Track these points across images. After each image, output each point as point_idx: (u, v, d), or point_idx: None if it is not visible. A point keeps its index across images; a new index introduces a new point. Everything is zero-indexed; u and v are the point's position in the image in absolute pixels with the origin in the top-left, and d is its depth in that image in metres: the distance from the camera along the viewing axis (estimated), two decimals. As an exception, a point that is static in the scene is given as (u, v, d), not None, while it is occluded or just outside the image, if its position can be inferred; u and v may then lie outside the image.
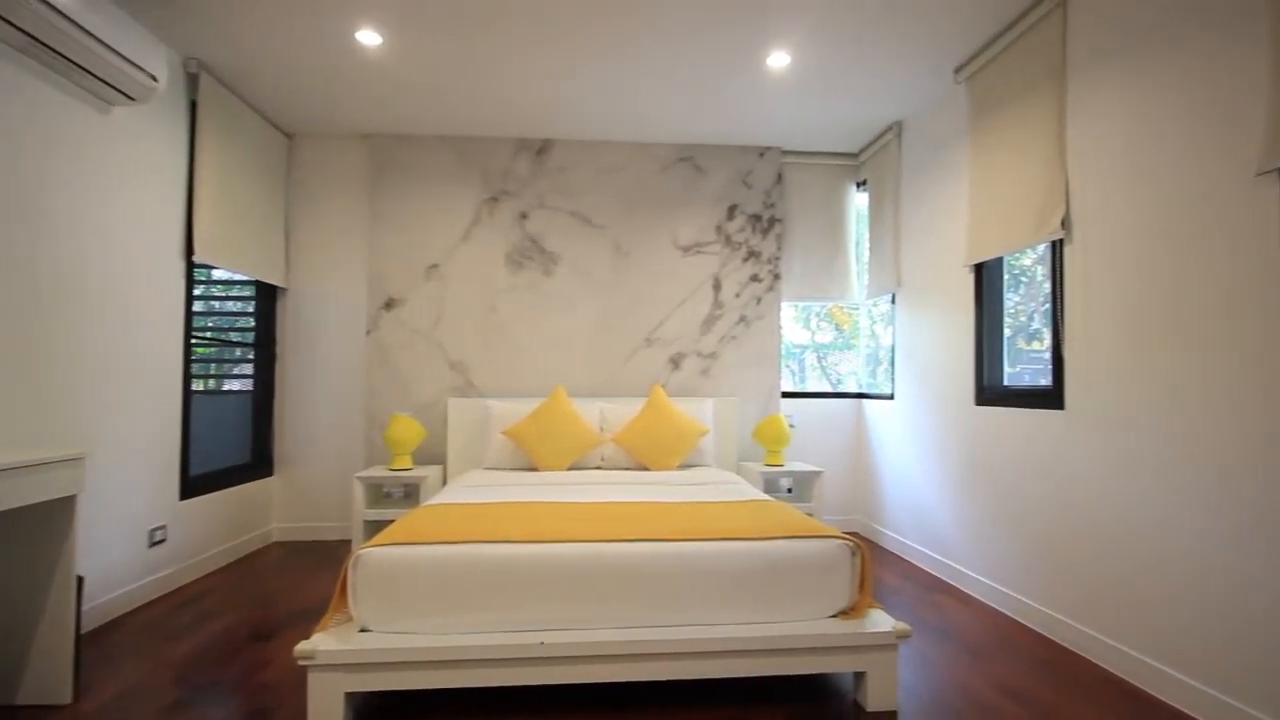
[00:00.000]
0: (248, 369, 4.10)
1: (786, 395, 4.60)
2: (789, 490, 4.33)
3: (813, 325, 5.00)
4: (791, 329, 4.87)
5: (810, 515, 3.41)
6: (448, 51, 3.21)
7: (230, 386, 4.11)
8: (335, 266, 4.30)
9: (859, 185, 4.64)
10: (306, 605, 3.02)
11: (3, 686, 2.08)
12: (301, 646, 1.92)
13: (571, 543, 2.14)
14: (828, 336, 5.02)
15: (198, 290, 3.58)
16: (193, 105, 3.36)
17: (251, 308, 4.12)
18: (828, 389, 4.89)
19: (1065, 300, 2.67)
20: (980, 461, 3.21)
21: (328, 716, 1.93)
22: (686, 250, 4.41)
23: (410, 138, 4.28)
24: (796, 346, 4.93)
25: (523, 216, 4.32)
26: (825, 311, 4.96)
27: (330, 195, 4.32)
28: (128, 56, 2.61)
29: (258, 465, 4.10)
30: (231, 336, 4.06)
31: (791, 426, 4.38)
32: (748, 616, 2.13)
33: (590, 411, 4.00)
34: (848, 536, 2.25)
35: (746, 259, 4.45)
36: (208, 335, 3.84)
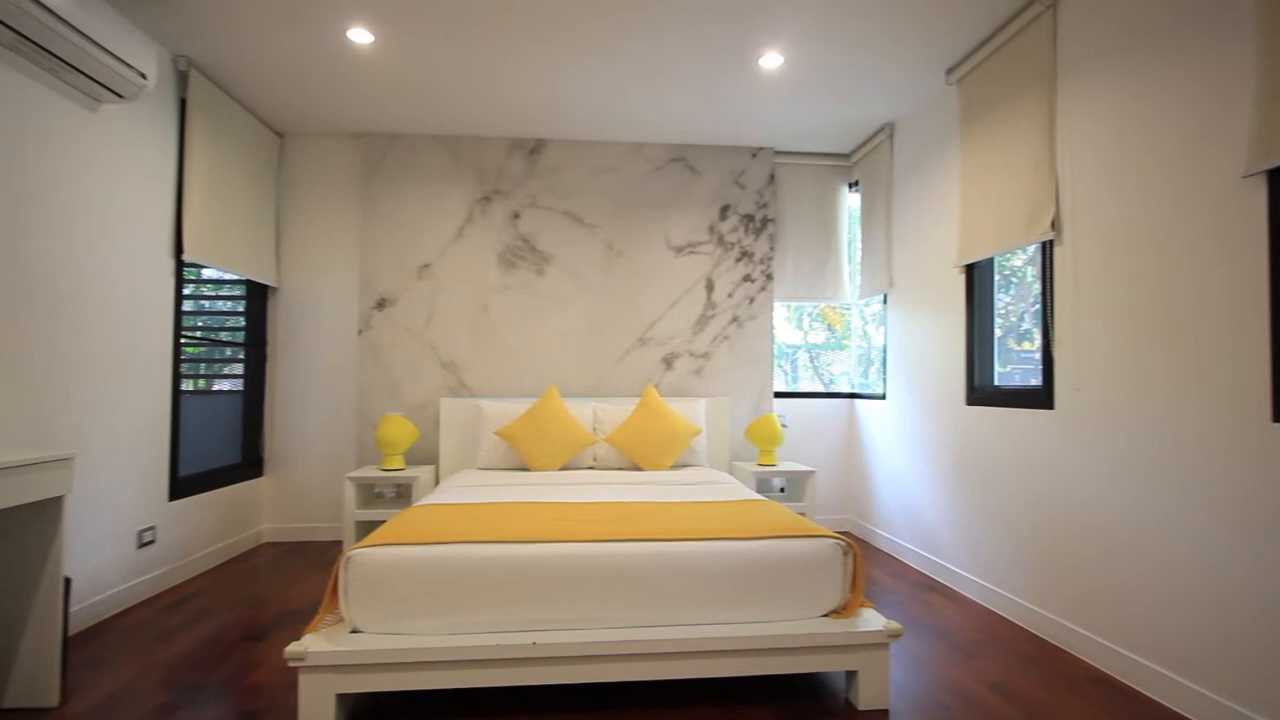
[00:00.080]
0: (238, 369, 4.08)
1: (779, 395, 4.61)
2: (781, 490, 4.34)
3: (805, 325, 5.01)
4: (784, 329, 4.88)
5: (802, 515, 3.43)
6: (440, 50, 3.21)
7: (220, 386, 4.08)
8: (327, 266, 4.29)
9: (851, 186, 4.66)
10: (297, 606, 3.01)
11: (-11, 689, 2.06)
12: (292, 648, 1.91)
13: (564, 543, 2.14)
14: (820, 336, 5.04)
15: (187, 289, 3.56)
16: (183, 103, 3.34)
17: (242, 307, 4.09)
18: (820, 389, 4.90)
19: (1055, 301, 2.68)
20: (971, 461, 3.23)
21: (319, 718, 1.92)
22: (679, 250, 4.42)
23: (402, 136, 4.27)
24: (789, 346, 4.94)
25: (515, 216, 4.32)
26: (817, 312, 4.98)
27: (322, 194, 4.30)
28: (117, 54, 2.59)
29: (248, 465, 4.07)
30: (222, 336, 4.04)
31: (784, 426, 4.39)
32: (740, 616, 2.14)
33: (583, 411, 4.00)
34: (839, 536, 2.26)
35: (739, 259, 4.46)
36: (197, 335, 3.82)
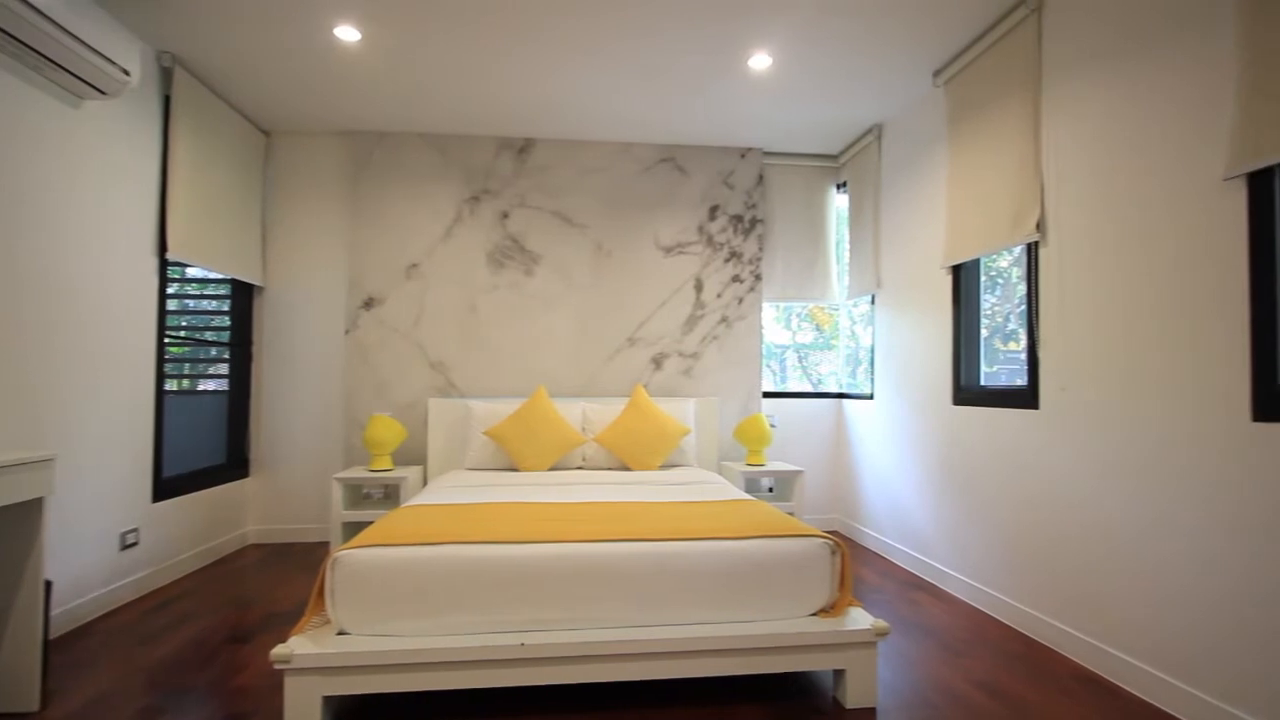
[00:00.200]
0: (223, 369, 4.04)
1: (768, 395, 4.62)
2: (770, 490, 4.35)
3: (793, 325, 5.03)
4: (773, 329, 4.89)
5: (791, 514, 3.44)
6: (428, 49, 3.19)
7: (205, 386, 4.04)
8: (314, 265, 4.25)
9: (839, 187, 4.68)
10: (283, 608, 2.98)
11: (-33, 694, 2.03)
12: (278, 650, 1.90)
13: (553, 543, 2.13)
14: (808, 337, 5.06)
15: (171, 288, 3.52)
16: (167, 100, 3.30)
17: (227, 306, 4.05)
18: (808, 389, 4.92)
19: (1040, 301, 2.71)
20: (958, 460, 3.25)
21: (305, 720, 1.91)
22: (668, 251, 4.42)
23: (390, 135, 4.25)
24: (777, 347, 4.96)
25: (504, 216, 4.30)
26: (806, 312, 5.00)
27: (309, 193, 4.27)
28: (99, 50, 2.56)
29: (233, 466, 4.03)
30: (207, 335, 4.00)
31: (772, 426, 4.40)
32: (728, 615, 2.14)
33: (572, 411, 3.99)
34: (828, 535, 2.27)
35: (728, 259, 4.47)
36: (182, 334, 3.78)
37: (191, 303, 4.03)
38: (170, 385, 3.56)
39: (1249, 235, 1.88)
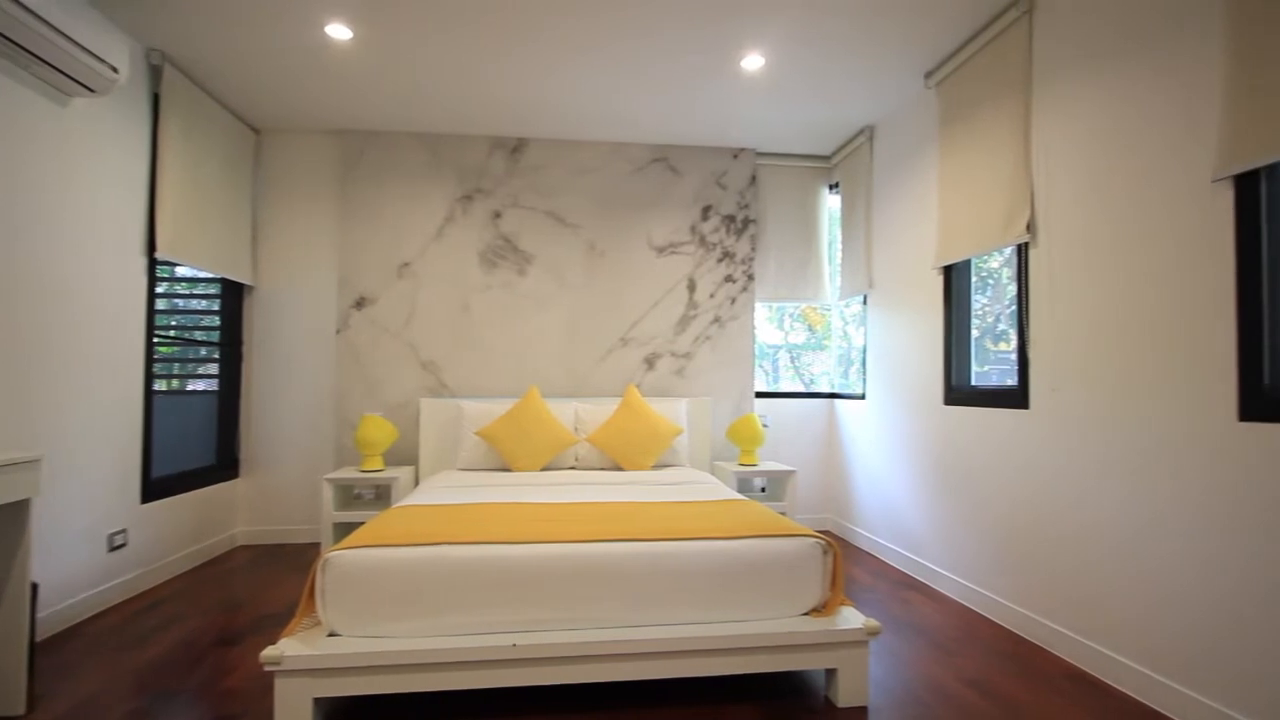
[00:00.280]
0: (213, 368, 4.01)
1: (760, 395, 4.63)
2: (762, 489, 4.36)
3: (786, 326, 5.04)
4: (765, 329, 4.90)
5: (783, 514, 3.45)
6: (420, 48, 3.18)
7: (195, 386, 4.01)
8: (304, 264, 4.23)
9: (832, 187, 4.69)
10: (273, 610, 2.97)
11: (-48, 698, 2.01)
12: (268, 652, 1.89)
13: (546, 543, 2.13)
14: (801, 337, 5.07)
15: (160, 288, 3.50)
16: (156, 98, 3.28)
17: (217, 306, 4.02)
18: (801, 389, 4.93)
19: (1030, 302, 2.73)
20: (949, 460, 3.27)
21: (295, 723, 1.89)
22: (661, 251, 4.42)
23: (382, 134, 4.23)
24: (770, 347, 4.97)
25: (496, 215, 4.29)
26: (798, 312, 5.01)
27: (300, 192, 4.24)
28: (87, 47, 2.54)
29: (223, 467, 4.01)
30: (196, 335, 3.97)
31: (765, 426, 4.41)
32: (721, 615, 2.14)
33: (564, 411, 3.98)
34: (820, 535, 2.27)
35: (721, 260, 4.47)
36: (171, 334, 3.75)
37: (181, 302, 4.00)
38: (159, 385, 3.53)
39: (1235, 236, 1.90)
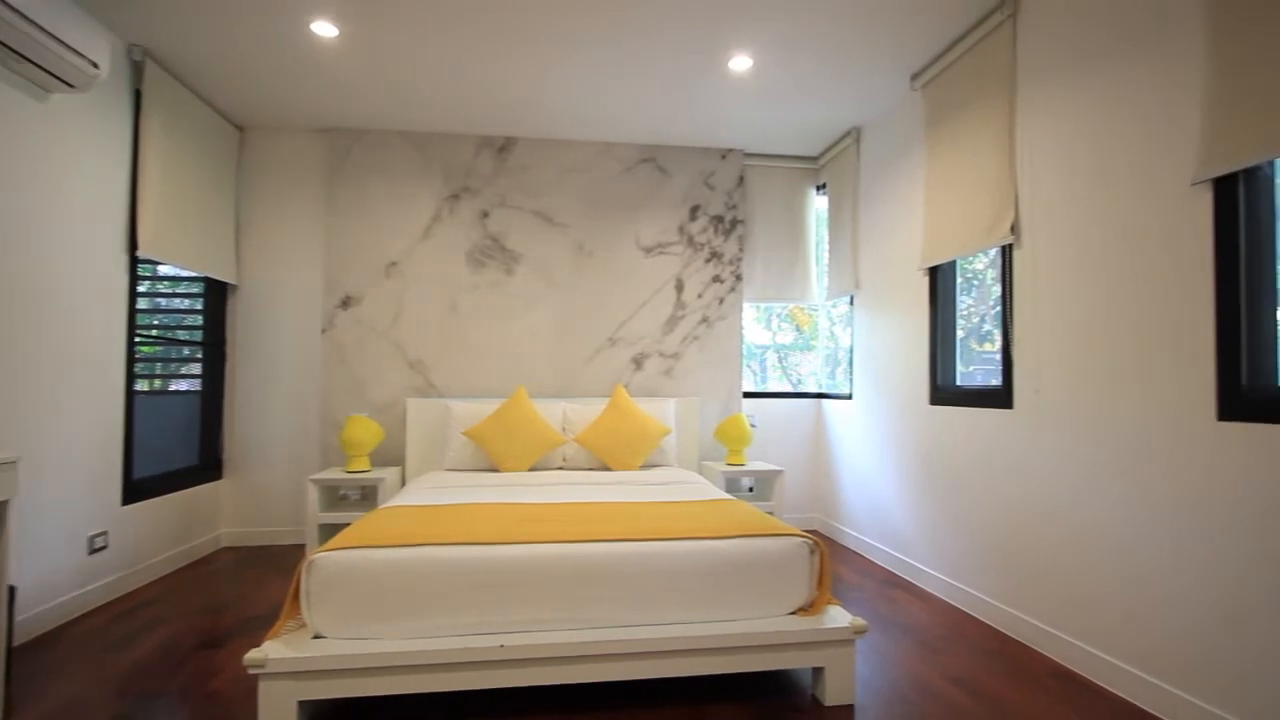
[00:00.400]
0: (196, 368, 3.96)
1: (748, 395, 4.64)
2: (750, 489, 4.37)
3: (773, 326, 5.06)
4: (753, 329, 4.92)
5: (770, 514, 3.46)
6: (407, 46, 3.16)
7: (177, 387, 3.96)
8: (289, 263, 4.19)
9: (819, 188, 4.72)
10: (257, 612, 2.94)
11: (-73, 704, 1.97)
12: (252, 654, 1.87)
13: (533, 544, 2.12)
14: (788, 337, 5.09)
15: (142, 286, 3.45)
16: (138, 95, 3.23)
17: (200, 305, 3.98)
18: (788, 389, 4.95)
19: (1014, 303, 2.75)
20: (934, 459, 3.29)
21: (279, 726, 1.88)
22: (649, 251, 4.42)
23: (368, 132, 4.20)
24: (758, 347, 4.99)
25: (484, 215, 4.28)
26: (786, 312, 5.03)
27: (284, 190, 4.20)
28: (67, 42, 2.50)
29: (206, 468, 3.96)
30: (179, 335, 3.92)
31: (753, 426, 4.42)
32: (708, 615, 2.15)
33: (552, 412, 3.98)
34: (807, 534, 2.28)
35: (709, 260, 4.48)
36: (153, 333, 3.70)
37: (163, 301, 3.95)
38: (141, 385, 3.49)
39: (1214, 239, 1.93)
